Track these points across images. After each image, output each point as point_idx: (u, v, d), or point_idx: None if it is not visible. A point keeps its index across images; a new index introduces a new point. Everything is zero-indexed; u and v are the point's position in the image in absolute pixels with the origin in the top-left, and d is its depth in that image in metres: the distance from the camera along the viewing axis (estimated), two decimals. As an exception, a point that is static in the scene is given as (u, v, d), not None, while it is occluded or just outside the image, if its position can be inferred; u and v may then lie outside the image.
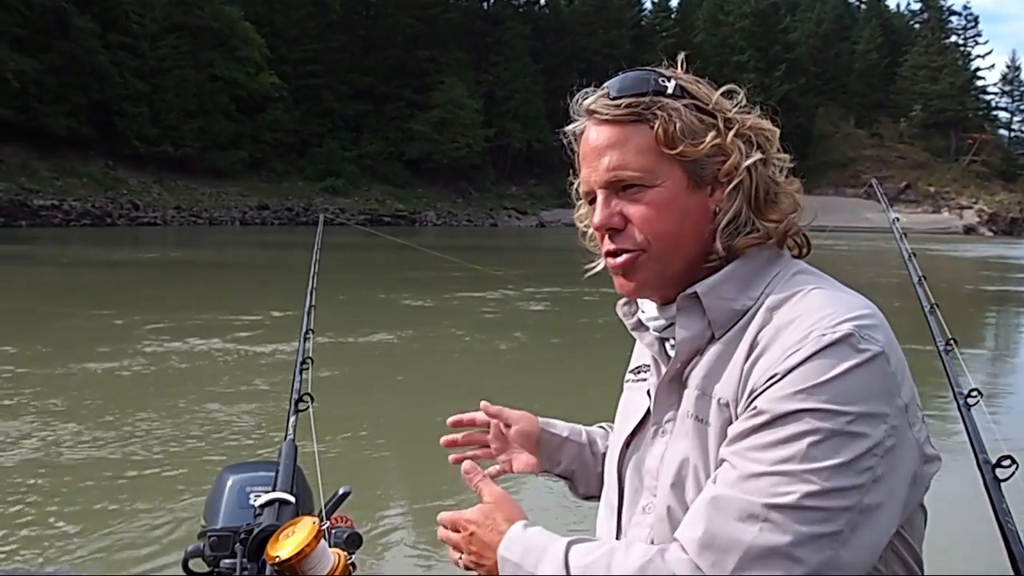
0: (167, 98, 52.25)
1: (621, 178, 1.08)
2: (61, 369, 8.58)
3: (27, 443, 6.06)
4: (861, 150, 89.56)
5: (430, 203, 62.28)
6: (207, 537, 1.68)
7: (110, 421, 6.68)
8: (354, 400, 7.72)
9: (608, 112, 1.08)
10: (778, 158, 1.13)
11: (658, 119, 1.06)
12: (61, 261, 23.21)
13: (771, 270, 1.08)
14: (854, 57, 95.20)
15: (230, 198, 52.12)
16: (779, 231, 1.09)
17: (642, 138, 1.07)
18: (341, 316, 12.20)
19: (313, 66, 62.75)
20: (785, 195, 1.11)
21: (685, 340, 1.08)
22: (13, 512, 4.81)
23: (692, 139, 1.06)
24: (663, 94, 1.08)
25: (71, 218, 42.05)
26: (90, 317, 12.24)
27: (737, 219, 1.08)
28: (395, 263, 20.09)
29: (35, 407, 7.05)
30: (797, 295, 1.03)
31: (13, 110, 43.74)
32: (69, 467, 5.60)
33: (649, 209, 1.07)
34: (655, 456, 1.11)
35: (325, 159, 60.61)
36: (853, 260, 30.60)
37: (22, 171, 43.58)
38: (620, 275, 1.12)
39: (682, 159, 1.06)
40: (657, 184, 1.07)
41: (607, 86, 1.12)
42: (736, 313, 1.05)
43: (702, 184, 1.08)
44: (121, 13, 51.33)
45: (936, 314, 2.52)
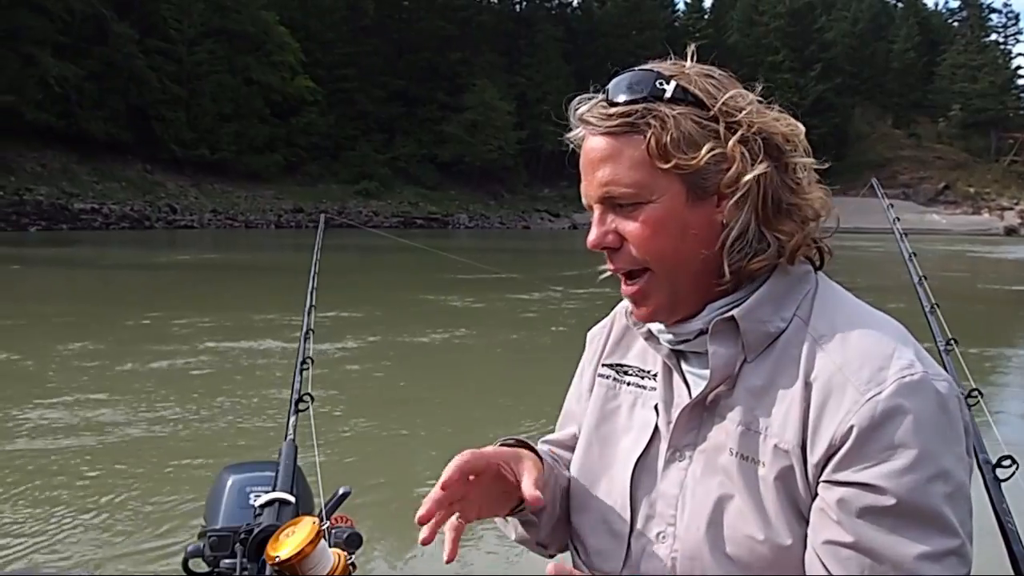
0: (203, 102, 52.95)
1: (613, 194, 1.01)
2: (88, 366, 8.71)
3: (26, 444, 6.04)
4: (898, 151, 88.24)
5: (462, 205, 62.42)
6: (207, 537, 1.68)
7: (112, 420, 6.69)
8: (352, 398, 7.71)
9: (600, 123, 1.01)
10: (800, 162, 1.03)
11: (651, 130, 0.98)
12: (101, 264, 23.56)
13: (801, 288, 1.03)
14: (891, 56, 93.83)
15: (265, 201, 52.65)
16: (790, 246, 1.01)
17: (635, 150, 0.99)
18: (341, 316, 12.22)
19: (347, 70, 63.22)
20: (805, 204, 1.02)
21: (719, 366, 1.01)
22: (12, 512, 4.79)
23: (688, 150, 0.98)
24: (660, 99, 0.99)
25: (110, 221, 42.74)
26: (119, 316, 12.42)
27: (745, 235, 1.00)
28: (423, 266, 20.15)
29: (34, 407, 7.07)
30: (843, 322, 0.99)
31: (55, 115, 44.58)
32: (68, 466, 5.57)
33: (644, 227, 1.00)
34: (672, 483, 1.04)
35: (359, 162, 61.01)
36: (885, 262, 30.10)
37: (63, 175, 44.39)
38: (631, 302, 1.07)
39: (679, 172, 0.99)
40: (652, 200, 1.00)
41: (607, 89, 1.04)
42: (769, 335, 1.01)
43: (705, 196, 1.00)
44: (159, 19, 52.11)
45: (936, 314, 2.51)
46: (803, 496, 0.95)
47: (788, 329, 1.01)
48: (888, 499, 0.89)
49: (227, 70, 54.41)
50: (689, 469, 1.03)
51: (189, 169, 51.29)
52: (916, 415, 0.90)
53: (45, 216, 39.89)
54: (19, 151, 43.48)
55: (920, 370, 0.93)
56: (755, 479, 0.97)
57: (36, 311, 12.96)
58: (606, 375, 1.19)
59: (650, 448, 1.08)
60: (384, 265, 21.18)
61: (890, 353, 0.94)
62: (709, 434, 1.03)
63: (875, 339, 0.97)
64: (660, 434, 1.07)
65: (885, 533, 0.89)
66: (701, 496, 1.01)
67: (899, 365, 0.93)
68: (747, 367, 1.01)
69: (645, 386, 1.13)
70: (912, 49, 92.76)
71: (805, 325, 1.01)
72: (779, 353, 1.00)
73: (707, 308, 1.03)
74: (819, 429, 0.94)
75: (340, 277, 17.20)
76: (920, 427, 0.90)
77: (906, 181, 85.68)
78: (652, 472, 1.07)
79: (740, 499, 0.98)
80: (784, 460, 0.96)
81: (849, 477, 0.91)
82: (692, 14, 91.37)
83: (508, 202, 65.16)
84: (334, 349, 9.79)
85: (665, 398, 1.09)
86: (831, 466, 0.92)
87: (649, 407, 1.11)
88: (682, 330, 1.05)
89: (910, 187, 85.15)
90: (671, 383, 1.09)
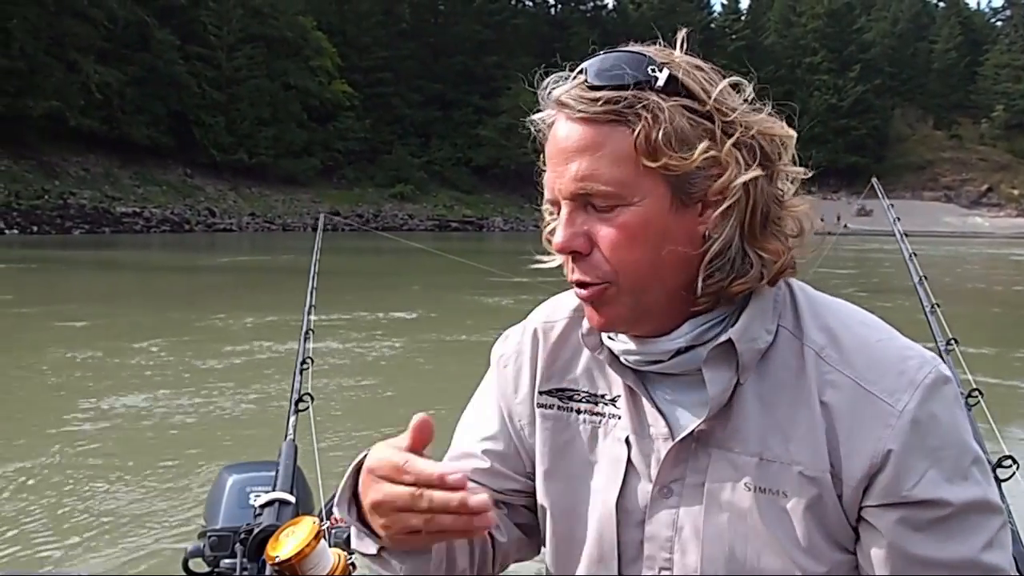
0: (242, 107, 53.63)
1: (590, 191, 0.88)
2: (103, 360, 8.84)
3: (23, 443, 6.03)
4: (940, 152, 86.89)
5: (497, 208, 62.54)
6: (207, 537, 1.68)
7: (114, 421, 6.71)
8: (353, 398, 7.69)
9: (581, 108, 0.88)
10: (791, 170, 0.93)
11: (640, 122, 0.86)
12: (144, 266, 23.92)
13: (775, 294, 0.94)
14: (932, 56, 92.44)
15: (302, 204, 53.14)
16: (775, 268, 0.91)
17: (619, 144, 0.86)
18: (343, 316, 12.26)
19: (383, 74, 63.67)
20: (790, 217, 0.92)
21: (718, 394, 0.90)
22: (12, 512, 4.76)
23: (679, 149, 0.86)
24: (651, 87, 0.87)
25: (151, 225, 43.41)
26: (145, 318, 12.61)
27: (727, 251, 0.88)
28: (446, 269, 20.19)
29: (34, 407, 7.08)
30: (838, 329, 0.92)
31: (98, 121, 45.42)
32: (68, 466, 5.55)
33: (620, 233, 0.88)
34: (663, 524, 0.94)
35: (395, 166, 61.40)
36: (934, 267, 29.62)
37: (106, 179, 45.19)
38: (588, 305, 0.93)
39: (666, 172, 0.86)
40: (633, 202, 0.87)
41: (586, 68, 0.90)
42: (759, 352, 0.91)
43: (690, 202, 0.88)
44: (199, 25, 52.90)
45: (937, 314, 2.49)
46: (835, 522, 0.89)
47: (776, 343, 0.92)
48: (945, 509, 0.86)
49: (265, 75, 55.06)
50: (682, 508, 0.93)
51: (228, 173, 51.95)
52: (945, 414, 0.88)
53: (88, 219, 40.63)
54: (64, 156, 44.37)
55: (930, 364, 0.90)
56: (779, 512, 0.89)
57: (57, 311, 13.20)
58: (548, 404, 1.03)
59: (626, 486, 0.96)
60: (403, 268, 21.26)
61: (899, 355, 0.91)
62: (704, 468, 0.93)
63: (877, 343, 0.92)
64: (636, 470, 0.96)
65: (945, 541, 0.86)
66: (711, 539, 0.91)
67: (914, 366, 0.89)
68: (740, 391, 0.92)
69: (603, 413, 1.00)
70: (954, 49, 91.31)
71: (796, 337, 0.92)
72: (774, 371, 0.92)
73: (686, 325, 0.92)
74: (853, 450, 0.88)
75: (345, 279, 17.27)
76: (952, 424, 0.89)
77: (948, 183, 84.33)
78: (634, 513, 0.96)
79: (760, 536, 0.90)
80: (812, 488, 0.88)
81: (900, 497, 0.86)
82: (728, 15, 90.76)
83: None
84: (334, 348, 9.78)
85: (636, 429, 0.97)
86: (878, 488, 0.87)
87: (614, 439, 0.98)
88: (655, 349, 0.93)
89: (952, 189, 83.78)
90: (641, 411, 0.97)
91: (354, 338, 10.87)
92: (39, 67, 42.53)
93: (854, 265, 24.72)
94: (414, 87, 65.36)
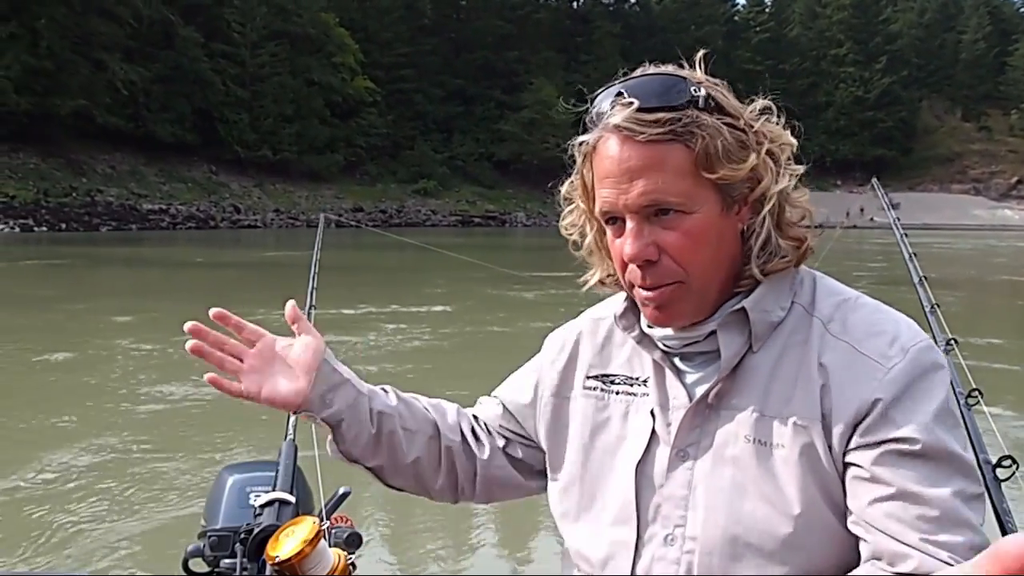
0: (266, 104, 53.98)
1: (659, 202, 0.99)
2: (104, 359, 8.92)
3: (22, 442, 6.06)
4: (968, 144, 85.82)
5: (520, 204, 62.53)
6: (207, 537, 1.68)
7: (114, 419, 6.74)
8: None
9: (642, 130, 0.99)
10: (794, 169, 1.07)
11: (697, 139, 0.98)
12: (177, 262, 24.17)
13: (794, 276, 1.07)
14: (960, 47, 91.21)
15: (325, 200, 53.42)
16: (799, 251, 1.06)
17: (679, 160, 0.99)
18: (344, 314, 12.32)
19: (405, 70, 63.83)
20: (794, 207, 1.07)
21: (730, 357, 1.03)
22: (12, 512, 4.79)
23: (732, 161, 1.00)
24: (697, 106, 1.00)
25: (177, 221, 43.83)
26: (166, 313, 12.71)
27: (769, 242, 1.04)
28: (463, 265, 20.23)
29: (32, 405, 7.13)
30: (846, 306, 1.04)
31: (124, 118, 45.91)
32: (67, 465, 5.57)
33: (687, 239, 1.01)
34: (679, 484, 1.04)
35: (417, 161, 61.56)
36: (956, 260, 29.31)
37: (132, 177, 45.67)
38: (654, 307, 1.05)
39: (719, 182, 1.00)
40: (694, 211, 1.00)
41: (630, 94, 1.01)
42: (773, 324, 1.04)
43: (732, 205, 1.03)
44: (224, 23, 53.29)
45: (937, 314, 2.47)
46: (826, 469, 0.97)
47: (789, 317, 1.04)
48: (918, 446, 0.93)
49: (288, 72, 55.37)
50: (696, 468, 1.03)
51: (252, 170, 52.32)
52: (930, 376, 0.97)
53: (115, 216, 41.09)
54: (91, 153, 44.89)
55: (924, 337, 1.01)
56: (773, 462, 0.99)
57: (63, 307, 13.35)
58: (592, 387, 1.18)
59: (648, 453, 1.08)
60: (422, 264, 21.30)
61: (895, 328, 1.01)
62: (715, 429, 1.03)
63: (878, 318, 1.03)
64: (658, 438, 1.07)
65: (921, 476, 0.93)
66: (714, 491, 1.01)
67: (907, 336, 1.00)
68: (751, 357, 1.04)
69: (636, 393, 1.12)
70: (982, 40, 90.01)
71: (808, 312, 1.04)
72: (784, 340, 1.03)
73: (720, 309, 1.05)
74: (842, 401, 0.97)
75: (350, 276, 17.38)
76: (934, 386, 0.97)
77: (976, 176, 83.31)
78: (654, 477, 1.07)
79: (756, 484, 0.99)
80: (804, 436, 0.98)
81: (880, 437, 0.95)
82: (752, 7, 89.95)
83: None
84: (335, 348, 9.83)
85: (660, 401, 1.09)
86: (861, 432, 0.96)
87: (643, 413, 1.10)
88: (693, 333, 1.06)
89: (981, 182, 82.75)
90: (664, 385, 1.09)
91: (363, 331, 10.93)
92: (66, 66, 43.02)
93: (883, 258, 24.53)
94: (436, 82, 65.46)
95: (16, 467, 5.51)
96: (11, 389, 7.87)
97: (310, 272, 2.72)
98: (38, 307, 13.45)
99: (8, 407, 7.08)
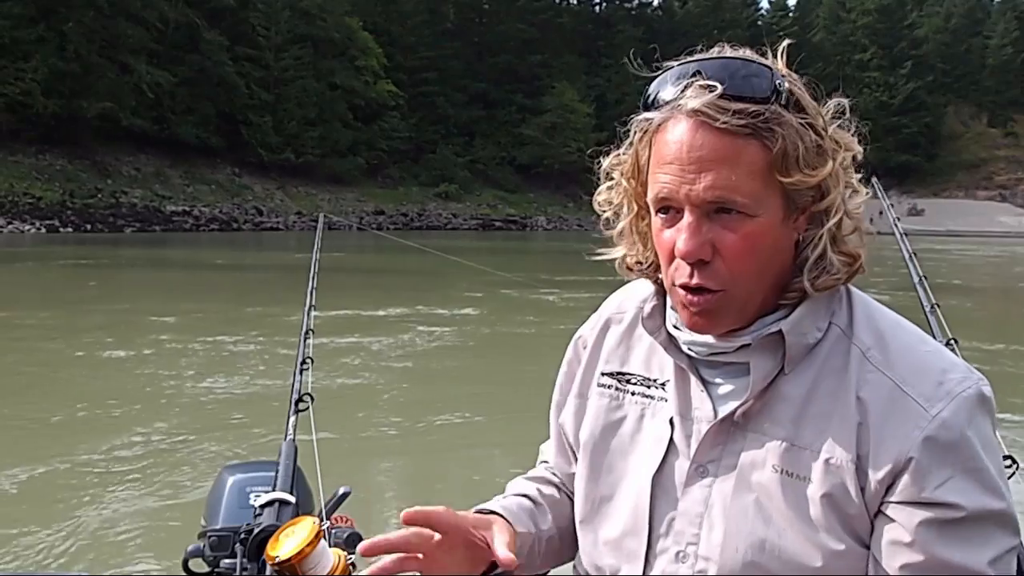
0: (289, 107, 54.28)
1: (726, 200, 0.91)
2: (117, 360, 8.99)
3: (22, 443, 6.07)
4: (994, 150, 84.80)
5: (541, 208, 62.52)
6: (207, 537, 1.68)
7: (114, 418, 6.76)
8: (353, 398, 7.69)
9: (722, 119, 0.90)
10: (855, 181, 0.99)
11: (777, 138, 0.90)
12: (206, 264, 24.35)
13: (833, 297, 1.00)
14: (987, 52, 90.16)
15: (347, 203, 53.63)
16: (852, 269, 0.98)
17: (754, 157, 0.90)
18: (346, 315, 12.30)
19: (428, 73, 63.99)
20: (852, 220, 0.98)
21: (759, 380, 0.96)
22: (12, 512, 4.78)
23: (809, 167, 0.92)
24: (779, 103, 0.91)
25: (200, 223, 44.14)
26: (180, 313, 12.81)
27: (824, 257, 0.96)
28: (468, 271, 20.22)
29: (30, 404, 7.18)
30: (888, 334, 0.97)
31: (149, 121, 46.33)
32: (68, 465, 5.57)
33: (745, 243, 0.92)
34: (695, 501, 0.99)
35: (439, 165, 61.70)
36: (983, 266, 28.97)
37: (156, 179, 46.07)
38: (695, 312, 0.97)
39: (789, 188, 0.92)
40: (759, 215, 0.92)
41: (713, 77, 0.92)
42: (808, 347, 0.97)
43: (794, 213, 0.95)
44: (248, 26, 53.68)
45: (937, 313, 2.45)
46: (856, 514, 0.93)
47: (825, 339, 0.97)
48: (960, 512, 0.88)
49: (312, 75, 55.67)
50: (715, 486, 0.98)
51: (275, 172, 52.62)
52: (978, 428, 0.91)
53: (140, 218, 41.45)
54: (116, 155, 45.33)
55: (973, 380, 0.93)
56: (801, 496, 0.93)
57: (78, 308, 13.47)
58: (607, 384, 1.12)
59: (665, 463, 1.02)
60: (433, 270, 21.30)
61: (943, 366, 0.94)
62: (740, 450, 0.98)
63: (925, 352, 0.96)
64: (676, 449, 1.02)
65: (958, 545, 0.89)
66: (735, 516, 0.96)
67: (955, 378, 0.93)
68: (783, 379, 0.97)
69: (653, 396, 1.06)
70: (1009, 44, 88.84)
71: (847, 336, 0.97)
72: (820, 364, 0.96)
73: (758, 323, 0.98)
74: (882, 446, 0.91)
75: (353, 277, 17.43)
76: (983, 440, 0.91)
77: (1003, 182, 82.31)
78: (669, 489, 1.01)
79: (783, 517, 0.94)
80: (836, 477, 0.92)
81: (921, 497, 0.89)
82: (776, 12, 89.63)
83: (586, 204, 63.83)
84: (336, 347, 9.82)
85: (681, 410, 1.02)
86: (901, 486, 0.90)
87: (660, 419, 1.04)
88: (725, 344, 0.99)
89: (1007, 188, 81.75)
90: (688, 394, 1.03)
91: (366, 334, 10.94)
92: (93, 68, 43.50)
93: (904, 265, 24.26)
94: (458, 86, 65.58)
95: (46, 457, 5.59)
96: (72, 387, 7.93)
97: (310, 272, 2.71)
98: (85, 307, 13.72)
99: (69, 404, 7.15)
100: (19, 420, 6.74)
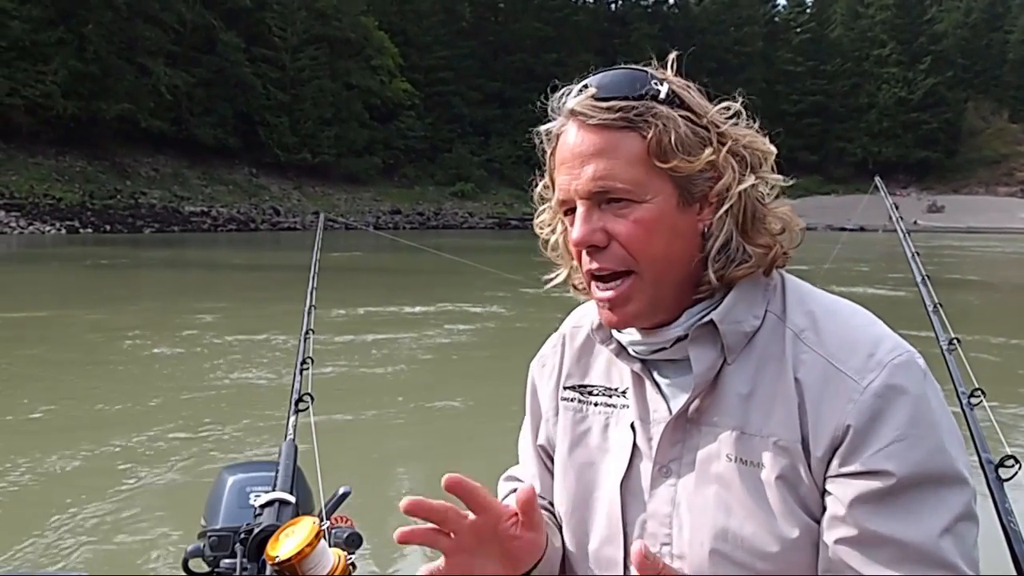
0: (305, 107, 54.56)
1: (607, 188, 0.97)
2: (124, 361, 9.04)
3: (22, 443, 6.09)
4: (1015, 146, 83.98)
5: (557, 206, 62.55)
6: (207, 537, 1.68)
7: (113, 419, 6.78)
8: (354, 398, 7.64)
9: (596, 115, 0.98)
10: (772, 178, 1.03)
11: (651, 128, 0.96)
12: (217, 264, 24.53)
13: (767, 283, 1.02)
14: (1007, 47, 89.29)
15: (364, 203, 53.85)
16: (767, 258, 1.00)
17: (632, 147, 0.97)
18: (346, 314, 12.40)
19: (444, 73, 64.12)
20: (774, 217, 1.02)
21: (702, 372, 0.99)
22: (12, 512, 4.79)
23: (686, 153, 0.97)
24: (656, 99, 0.98)
25: (218, 223, 44.44)
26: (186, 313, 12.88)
27: (728, 245, 0.99)
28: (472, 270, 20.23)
29: (35, 402, 7.22)
30: (820, 314, 0.99)
31: (167, 122, 46.70)
32: (68, 465, 5.59)
33: (636, 226, 0.97)
34: (663, 501, 1.01)
35: (455, 164, 61.81)
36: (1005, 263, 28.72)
37: (174, 179, 46.43)
38: (608, 308, 1.01)
39: (673, 174, 0.97)
40: (646, 200, 0.97)
41: (592, 84, 1.01)
42: (746, 335, 0.99)
43: (692, 202, 0.99)
44: (264, 28, 54.00)
45: (940, 313, 2.44)
46: (807, 492, 0.94)
47: (763, 327, 1.00)
48: (892, 480, 0.89)
49: (328, 76, 55.92)
50: (679, 485, 1.00)
51: (292, 172, 52.90)
52: (912, 392, 0.92)
53: (158, 219, 41.78)
54: (135, 157, 45.71)
55: (905, 349, 0.95)
56: (757, 481, 0.95)
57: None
58: (570, 398, 1.14)
59: (631, 468, 1.04)
60: (448, 268, 21.33)
61: (873, 338, 0.96)
62: (697, 445, 1.00)
63: (855, 327, 0.98)
64: (640, 452, 1.04)
65: (893, 515, 0.89)
66: (699, 509, 0.98)
67: (886, 348, 0.95)
68: (728, 370, 0.99)
69: (615, 404, 1.09)
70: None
71: (781, 321, 1.00)
72: (759, 352, 0.99)
73: (685, 314, 1.01)
74: (820, 422, 0.93)
75: (388, 277, 17.37)
76: (917, 402, 0.92)
77: (1023, 178, 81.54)
78: (638, 493, 1.03)
79: (742, 505, 0.96)
80: (785, 458, 0.94)
81: (858, 468, 0.91)
82: (793, 8, 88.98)
83: (603, 202, 64.92)
84: (336, 348, 9.83)
85: (640, 414, 1.05)
86: (838, 459, 0.92)
87: (623, 426, 1.06)
88: (658, 338, 1.02)
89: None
90: (644, 397, 1.05)
91: (354, 335, 10.98)
92: (111, 70, 43.90)
93: (924, 260, 24.07)
94: (474, 85, 65.67)
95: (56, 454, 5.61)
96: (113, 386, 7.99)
97: (310, 272, 2.71)
98: (123, 305, 13.98)
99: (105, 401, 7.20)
100: (18, 420, 6.77)
